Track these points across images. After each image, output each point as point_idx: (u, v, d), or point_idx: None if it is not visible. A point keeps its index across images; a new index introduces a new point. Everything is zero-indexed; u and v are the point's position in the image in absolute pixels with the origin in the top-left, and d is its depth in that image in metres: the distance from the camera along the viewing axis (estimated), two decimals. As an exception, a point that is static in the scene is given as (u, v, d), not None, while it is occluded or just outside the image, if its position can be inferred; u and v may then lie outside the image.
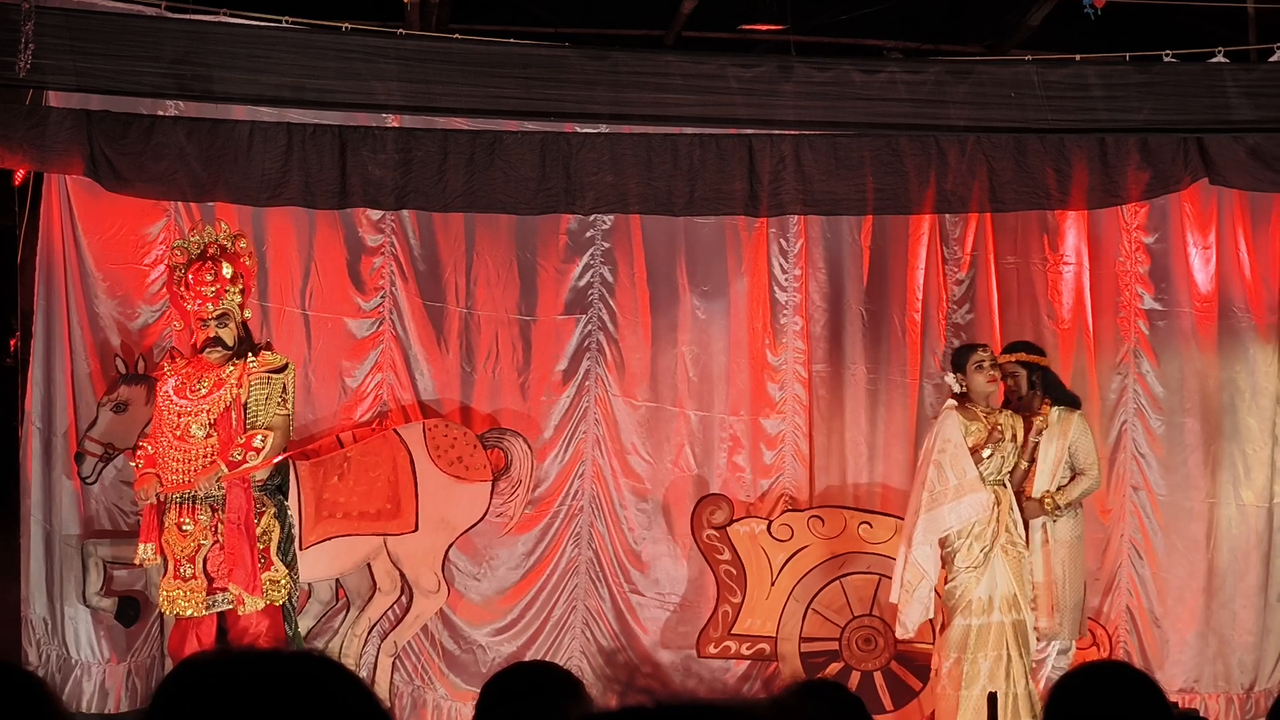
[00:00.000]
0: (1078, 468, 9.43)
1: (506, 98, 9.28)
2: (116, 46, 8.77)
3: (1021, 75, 9.59)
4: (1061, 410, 9.48)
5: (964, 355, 9.38)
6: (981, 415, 9.20)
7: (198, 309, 8.54)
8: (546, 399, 10.36)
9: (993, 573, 9.02)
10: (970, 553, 9.02)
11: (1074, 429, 9.42)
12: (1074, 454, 9.42)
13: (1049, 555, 9.35)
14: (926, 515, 9.03)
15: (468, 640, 10.20)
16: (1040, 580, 9.32)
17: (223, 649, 7.76)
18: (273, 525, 8.44)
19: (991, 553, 9.02)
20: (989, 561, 9.01)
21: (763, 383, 10.51)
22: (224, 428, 8.38)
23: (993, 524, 9.03)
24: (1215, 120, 9.67)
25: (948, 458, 9.08)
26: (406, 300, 10.22)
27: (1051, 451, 9.39)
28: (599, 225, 10.42)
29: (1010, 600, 9.03)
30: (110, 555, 9.57)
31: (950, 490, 9.03)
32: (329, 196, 9.53)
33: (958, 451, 9.08)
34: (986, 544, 9.02)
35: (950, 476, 9.05)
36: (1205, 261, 10.64)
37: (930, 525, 9.03)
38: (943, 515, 9.03)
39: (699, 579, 10.37)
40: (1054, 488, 9.37)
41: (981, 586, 9.01)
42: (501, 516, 10.14)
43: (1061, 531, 9.39)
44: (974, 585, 9.00)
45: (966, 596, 9.00)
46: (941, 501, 9.03)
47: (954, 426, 9.11)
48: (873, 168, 9.82)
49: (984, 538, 9.01)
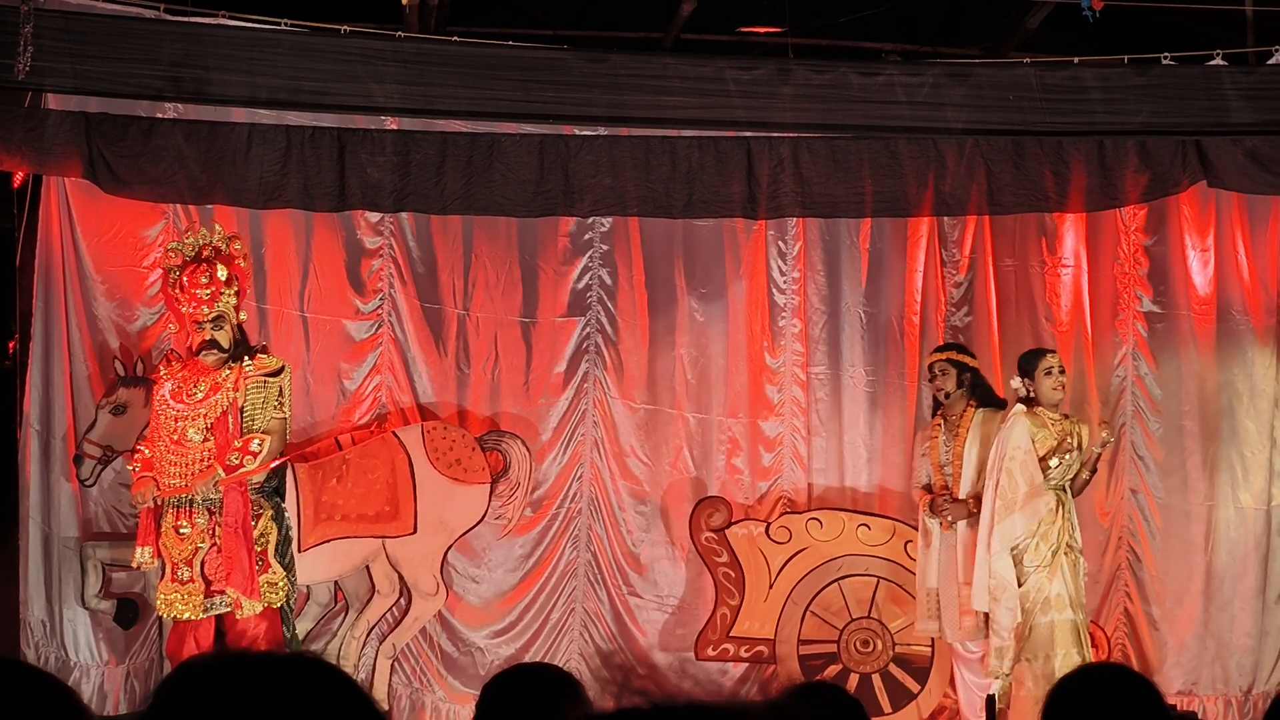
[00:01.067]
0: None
1: (505, 100, 9.29)
2: (115, 49, 8.77)
3: (1020, 78, 9.59)
4: (985, 412, 9.46)
5: (1032, 360, 9.39)
6: (1049, 423, 9.19)
7: (193, 312, 8.53)
8: (545, 401, 10.36)
9: (1062, 571, 9.04)
10: (1038, 552, 9.04)
11: (995, 430, 9.34)
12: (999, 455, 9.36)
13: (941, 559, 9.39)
14: (1000, 525, 9.05)
15: (466, 642, 10.20)
16: (932, 585, 9.41)
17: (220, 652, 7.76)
18: (270, 528, 8.44)
19: (1058, 553, 9.03)
20: (1057, 559, 9.03)
21: (761, 385, 10.51)
22: (221, 431, 8.38)
23: (1058, 524, 9.05)
24: (1213, 123, 9.67)
25: (1018, 464, 9.09)
26: (405, 303, 10.22)
27: (973, 454, 9.38)
28: (597, 228, 10.42)
29: (1072, 600, 9.05)
30: (109, 557, 9.57)
31: (1021, 497, 9.05)
32: (327, 199, 9.52)
33: (1027, 458, 9.10)
34: (1054, 543, 9.03)
35: (1021, 483, 9.07)
36: (1204, 264, 10.64)
37: (1005, 534, 9.06)
38: (1015, 524, 9.07)
39: (697, 581, 10.37)
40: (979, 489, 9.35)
41: (1056, 583, 9.03)
42: (500, 519, 10.14)
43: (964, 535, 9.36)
44: (1048, 583, 9.03)
45: (1043, 594, 9.02)
46: (1013, 509, 9.05)
47: (1023, 433, 9.12)
48: (871, 170, 9.83)
49: (1050, 537, 9.04)
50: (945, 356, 9.62)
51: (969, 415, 9.52)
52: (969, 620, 9.32)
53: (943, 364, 9.59)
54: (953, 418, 9.57)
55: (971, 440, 9.44)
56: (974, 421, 9.48)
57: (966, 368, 9.61)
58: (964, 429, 9.48)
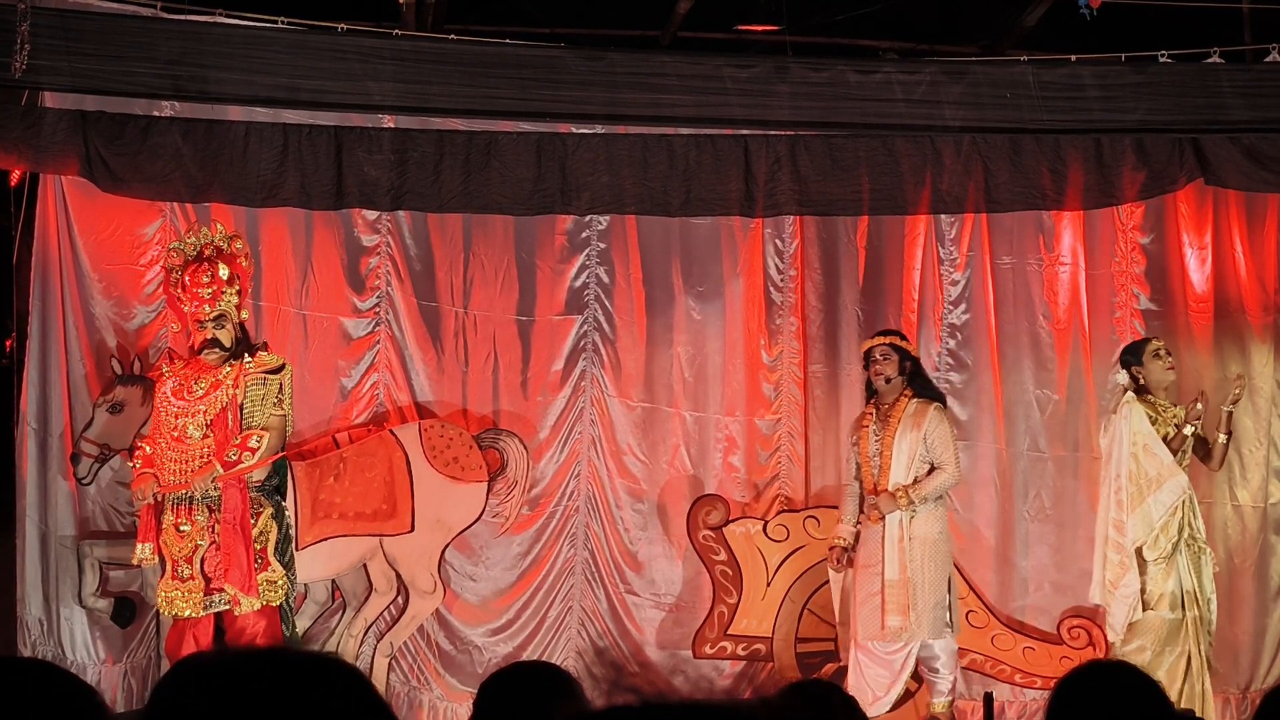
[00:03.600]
0: (935, 462, 9.28)
1: (502, 98, 9.28)
2: (112, 47, 8.77)
3: (1017, 76, 9.59)
4: (919, 402, 9.41)
5: (1139, 348, 9.43)
6: (1161, 410, 9.16)
7: (195, 310, 8.53)
8: (542, 399, 10.36)
9: (1178, 568, 9.00)
10: (1157, 546, 8.99)
11: (929, 422, 9.26)
12: (931, 448, 9.31)
13: (903, 552, 9.18)
14: (1134, 515, 9.01)
15: (464, 641, 10.20)
16: (895, 578, 9.15)
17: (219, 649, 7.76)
18: (270, 526, 8.44)
19: (1179, 545, 9.00)
20: (1175, 555, 8.99)
21: (758, 383, 10.52)
22: (220, 428, 8.38)
23: (1180, 515, 9.01)
24: (1211, 120, 9.67)
25: (1141, 448, 9.06)
26: (403, 300, 10.22)
27: (905, 444, 9.30)
28: (595, 226, 10.42)
29: (1191, 596, 9.00)
30: (106, 556, 9.56)
31: (1152, 480, 9.01)
32: (325, 197, 9.52)
33: (1150, 440, 9.08)
34: (1174, 536, 8.99)
35: (1148, 467, 9.03)
36: (1201, 262, 10.65)
37: (1140, 523, 9.01)
38: (1149, 511, 9.02)
39: (694, 579, 10.37)
40: (909, 480, 9.29)
41: (1171, 580, 8.98)
42: (497, 517, 10.14)
43: (920, 528, 9.19)
44: (1164, 579, 8.98)
45: (1158, 590, 8.98)
46: (1147, 494, 9.01)
47: (1140, 416, 9.10)
48: (868, 168, 9.82)
49: (1170, 530, 8.99)
50: (888, 341, 9.47)
51: (902, 405, 9.34)
52: (895, 620, 9.13)
53: (885, 348, 9.44)
54: (884, 407, 9.38)
55: (904, 430, 9.27)
56: (907, 411, 9.32)
57: (908, 355, 9.51)
58: (896, 418, 9.30)
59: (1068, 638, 10.41)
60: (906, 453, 9.26)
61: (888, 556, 9.17)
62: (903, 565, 9.15)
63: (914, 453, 9.24)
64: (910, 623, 9.12)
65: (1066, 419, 10.63)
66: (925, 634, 9.16)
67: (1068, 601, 10.53)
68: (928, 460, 9.24)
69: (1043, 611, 10.54)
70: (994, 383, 10.60)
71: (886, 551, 9.18)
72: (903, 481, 9.23)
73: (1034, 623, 10.52)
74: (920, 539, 9.19)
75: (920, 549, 9.17)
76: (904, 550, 9.16)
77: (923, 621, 9.15)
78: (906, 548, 9.16)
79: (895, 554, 9.18)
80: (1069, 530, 10.59)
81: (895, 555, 9.18)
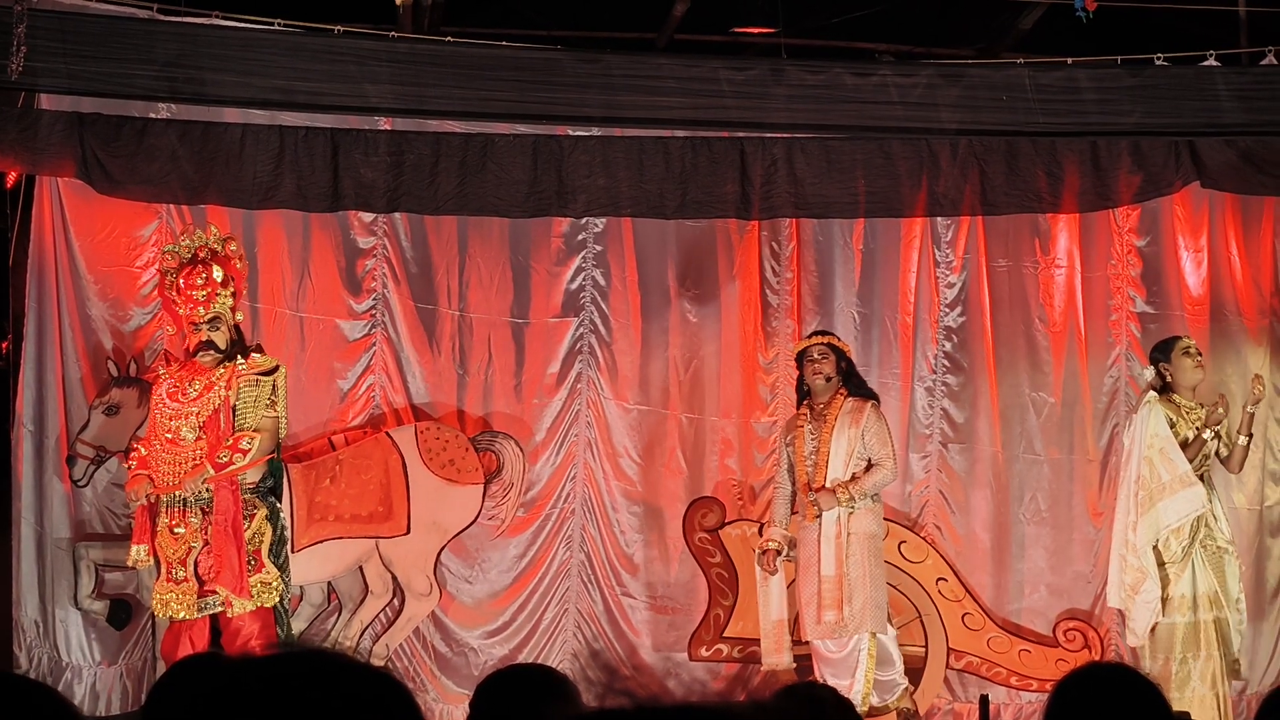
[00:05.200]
0: (874, 459, 9.26)
1: (498, 100, 9.28)
2: (109, 49, 8.77)
3: (1013, 78, 9.59)
4: (855, 400, 9.36)
5: (1168, 345, 9.38)
6: (1186, 410, 9.12)
7: (190, 313, 8.51)
8: (538, 402, 10.36)
9: (1193, 570, 8.96)
10: (1169, 548, 8.96)
11: (866, 420, 9.25)
12: (869, 445, 9.28)
13: (840, 548, 9.15)
14: (1146, 517, 8.97)
15: (460, 643, 10.19)
16: (830, 574, 9.13)
17: (214, 651, 7.76)
18: (264, 527, 8.41)
19: (1192, 549, 8.96)
20: (1189, 558, 8.95)
21: (754, 385, 10.52)
22: (212, 430, 8.36)
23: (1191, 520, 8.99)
24: (1207, 123, 9.67)
25: (1157, 453, 9.01)
26: (399, 302, 10.22)
27: (843, 442, 9.27)
28: (591, 228, 10.42)
29: (1212, 598, 8.96)
30: (102, 558, 9.56)
31: (1165, 485, 8.96)
32: (321, 199, 9.52)
33: (1167, 444, 9.01)
34: (1186, 540, 8.95)
35: (1163, 471, 8.98)
36: (1197, 265, 10.65)
37: (1151, 525, 8.96)
38: (1161, 513, 8.97)
39: (690, 582, 10.37)
40: (847, 477, 9.26)
41: (1184, 583, 8.94)
42: (493, 519, 10.14)
43: (858, 524, 9.18)
44: (1175, 582, 8.95)
45: (1172, 594, 8.94)
46: (1158, 499, 8.97)
47: (1159, 419, 9.04)
48: (864, 171, 9.83)
49: (1183, 533, 8.95)
50: (825, 340, 9.46)
51: (839, 403, 9.33)
52: (830, 615, 9.11)
53: (823, 348, 9.42)
54: (819, 406, 9.36)
55: (841, 427, 9.25)
56: (844, 410, 9.30)
57: (843, 355, 9.51)
58: (833, 416, 9.28)
59: (1064, 640, 10.42)
60: (845, 450, 9.26)
61: (824, 554, 9.18)
62: (839, 561, 9.14)
63: (852, 450, 9.25)
64: (846, 617, 9.11)
65: (1062, 422, 10.63)
66: (867, 627, 9.14)
67: (1064, 604, 10.54)
68: (865, 457, 9.26)
69: (1039, 614, 10.54)
70: (990, 385, 10.60)
71: (823, 549, 9.18)
72: (841, 478, 9.23)
73: (1030, 625, 10.52)
74: (859, 535, 9.19)
75: (859, 545, 9.18)
76: (841, 546, 9.16)
77: (863, 616, 9.12)
78: (844, 544, 9.16)
79: (832, 551, 9.17)
80: (1064, 533, 10.59)
81: (832, 552, 9.17)
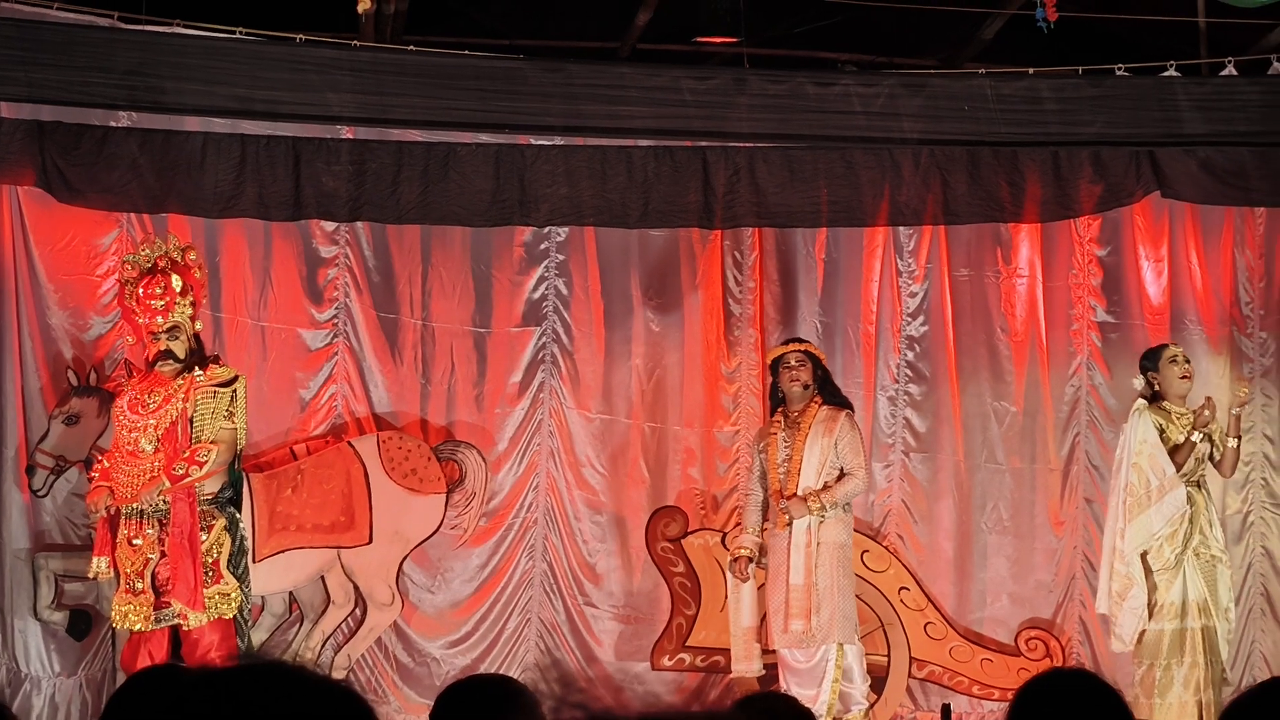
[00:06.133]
0: (846, 468, 9.23)
1: (461, 109, 9.27)
2: (69, 57, 8.72)
3: (975, 88, 9.62)
4: (829, 409, 9.34)
5: (1156, 354, 9.34)
6: (1176, 417, 9.13)
7: (148, 322, 8.45)
8: (501, 411, 10.35)
9: (1184, 577, 8.97)
10: (1161, 555, 8.95)
11: (840, 429, 9.23)
12: (841, 454, 9.27)
13: (810, 557, 9.10)
14: (1134, 524, 8.97)
15: (422, 653, 10.17)
16: (799, 583, 9.10)
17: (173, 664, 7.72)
18: (223, 538, 8.35)
19: (1184, 555, 8.96)
20: (1180, 565, 8.95)
21: (716, 395, 10.52)
22: (170, 442, 8.30)
23: (1185, 525, 8.99)
24: (1167, 134, 9.72)
25: (1145, 459, 9.00)
26: (361, 312, 10.20)
27: (816, 450, 9.25)
28: (554, 238, 10.41)
29: (1201, 605, 8.97)
30: (61, 568, 9.51)
31: (1153, 492, 8.97)
32: (283, 208, 9.50)
33: (1155, 451, 8.99)
34: (1179, 546, 8.95)
35: (1151, 478, 8.97)
36: (1157, 274, 10.70)
37: (1138, 533, 8.94)
38: (1149, 520, 8.95)
39: (653, 591, 10.37)
40: (819, 486, 9.23)
41: (1174, 590, 8.94)
42: (456, 529, 10.13)
43: (828, 534, 9.14)
44: (1166, 589, 8.95)
45: (1161, 600, 8.94)
46: (1145, 505, 8.96)
47: (1148, 426, 9.02)
48: (827, 180, 9.85)
49: (1176, 540, 8.95)
50: (803, 348, 9.43)
51: (813, 411, 9.29)
52: (798, 624, 9.07)
53: (800, 355, 9.39)
54: (794, 413, 9.33)
55: (815, 436, 9.22)
56: (818, 418, 9.27)
57: (820, 363, 9.51)
58: (807, 424, 9.25)
59: (1025, 649, 10.44)
60: (818, 458, 9.23)
61: (793, 562, 9.13)
62: (808, 570, 9.10)
63: (825, 459, 9.23)
64: (814, 627, 9.07)
65: (1024, 431, 10.67)
66: (835, 637, 9.08)
67: (1025, 613, 10.57)
68: (837, 466, 9.24)
69: (1000, 623, 10.57)
70: (952, 395, 10.63)
71: (792, 557, 9.13)
72: (813, 487, 9.19)
73: (992, 634, 10.55)
74: (829, 544, 9.15)
75: (829, 554, 9.13)
76: (810, 555, 9.12)
77: (830, 626, 9.07)
78: (814, 553, 9.12)
79: (801, 559, 9.13)
80: (1026, 542, 10.63)
81: (801, 561, 9.13)
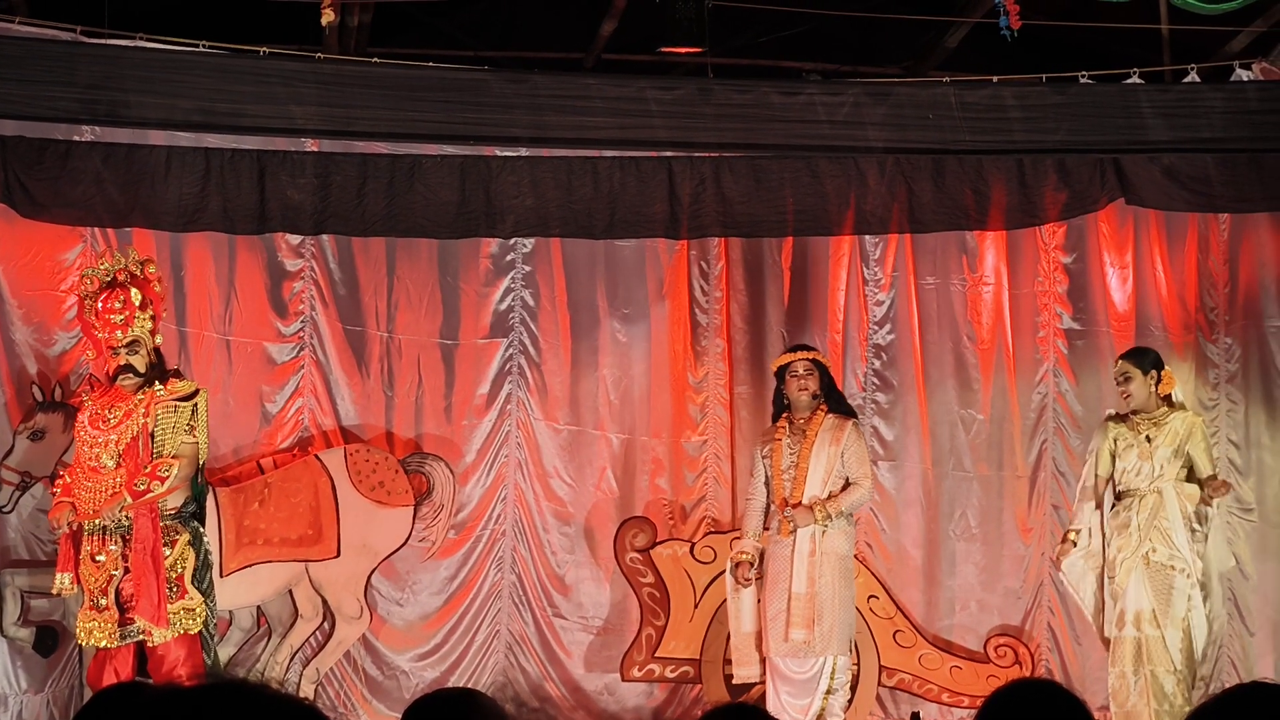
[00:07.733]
0: (852, 478, 9.25)
1: (426, 121, 9.24)
2: (31, 72, 8.67)
3: (939, 97, 9.62)
4: (836, 418, 9.37)
5: None
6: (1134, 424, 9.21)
7: (108, 337, 8.40)
8: (468, 423, 10.34)
9: (1133, 586, 9.01)
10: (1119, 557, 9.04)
11: (847, 438, 9.26)
12: (847, 464, 9.27)
13: (813, 566, 9.11)
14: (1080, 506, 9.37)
15: (390, 666, 10.15)
16: (802, 592, 9.09)
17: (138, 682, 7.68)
18: (187, 553, 8.29)
19: (1132, 562, 9.00)
20: (1129, 574, 9.00)
21: (684, 405, 10.53)
22: (131, 457, 8.25)
23: (1134, 534, 9.05)
24: (1131, 141, 9.73)
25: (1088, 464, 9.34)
26: (327, 325, 10.18)
27: (823, 459, 9.26)
28: (520, 249, 10.41)
29: (1148, 617, 8.99)
30: (28, 585, 9.47)
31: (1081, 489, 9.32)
32: (248, 221, 9.48)
33: (1091, 458, 9.29)
34: (1129, 553, 9.01)
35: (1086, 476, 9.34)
36: (1122, 281, 10.73)
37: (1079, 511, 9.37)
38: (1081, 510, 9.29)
39: (622, 602, 10.37)
40: (824, 495, 9.22)
41: (1127, 598, 9.00)
42: (424, 541, 10.11)
43: (831, 543, 9.15)
44: (1118, 597, 9.04)
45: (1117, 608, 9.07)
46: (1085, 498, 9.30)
47: (1100, 435, 9.29)
48: (792, 189, 9.86)
49: (1127, 548, 9.02)
50: (811, 356, 9.44)
51: (819, 419, 9.30)
52: (799, 634, 9.07)
53: (808, 364, 9.39)
54: (800, 421, 9.33)
55: (821, 444, 9.23)
56: (825, 426, 9.28)
57: (826, 371, 9.52)
58: (813, 432, 9.25)
59: (994, 656, 10.46)
60: (824, 467, 9.23)
61: (796, 571, 9.12)
62: (811, 579, 9.09)
63: (831, 467, 9.22)
64: (815, 637, 9.06)
65: (991, 438, 10.69)
66: (834, 649, 9.09)
67: (994, 620, 10.59)
68: (843, 476, 9.23)
69: (969, 630, 10.58)
70: (919, 402, 10.65)
71: (795, 566, 9.12)
72: (818, 495, 9.19)
73: (961, 642, 10.56)
74: (831, 554, 9.14)
75: (831, 564, 9.12)
76: (814, 565, 9.10)
77: (831, 637, 9.08)
78: (817, 562, 9.11)
79: (804, 568, 9.11)
80: (995, 549, 10.64)
81: (804, 570, 9.11)
